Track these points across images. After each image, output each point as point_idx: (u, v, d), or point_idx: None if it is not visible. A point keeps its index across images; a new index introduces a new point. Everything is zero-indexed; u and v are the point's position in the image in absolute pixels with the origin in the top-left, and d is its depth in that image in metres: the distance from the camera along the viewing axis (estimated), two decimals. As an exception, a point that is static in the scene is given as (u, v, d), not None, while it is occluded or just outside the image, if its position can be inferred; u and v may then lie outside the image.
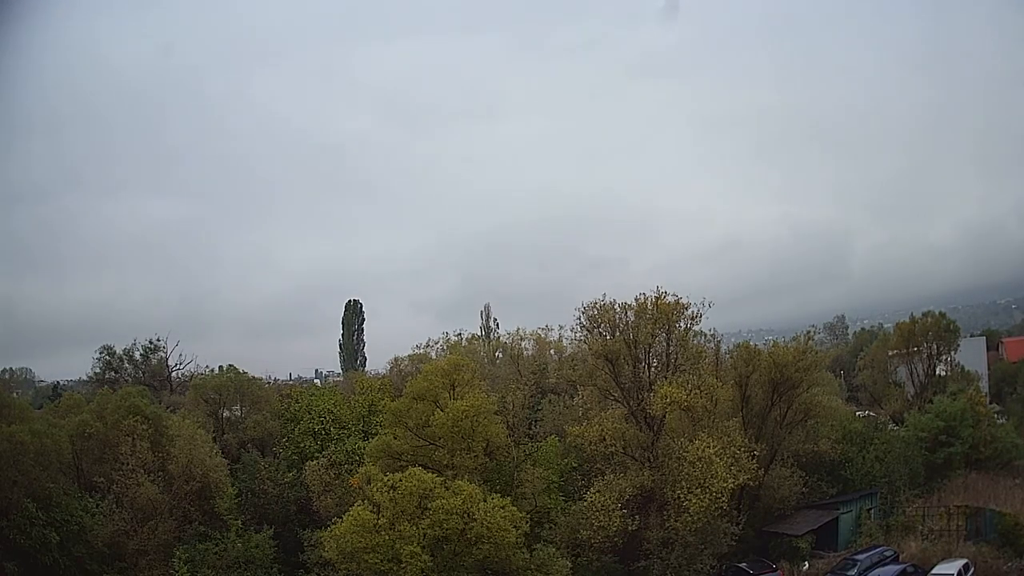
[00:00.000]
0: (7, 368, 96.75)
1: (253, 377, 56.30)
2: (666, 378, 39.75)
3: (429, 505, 32.66)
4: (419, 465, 36.26)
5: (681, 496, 36.89)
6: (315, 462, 43.61)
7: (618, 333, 41.22)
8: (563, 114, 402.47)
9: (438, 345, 71.99)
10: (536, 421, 50.17)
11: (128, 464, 39.99)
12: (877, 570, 36.56)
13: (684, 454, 37.93)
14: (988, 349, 79.95)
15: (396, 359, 71.31)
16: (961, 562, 35.79)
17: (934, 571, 35.59)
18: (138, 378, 65.10)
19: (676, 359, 41.22)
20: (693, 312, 41.12)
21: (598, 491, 38.05)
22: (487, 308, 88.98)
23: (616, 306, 41.52)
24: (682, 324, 41.33)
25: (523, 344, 73.24)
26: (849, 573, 36.98)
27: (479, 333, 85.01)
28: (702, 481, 36.51)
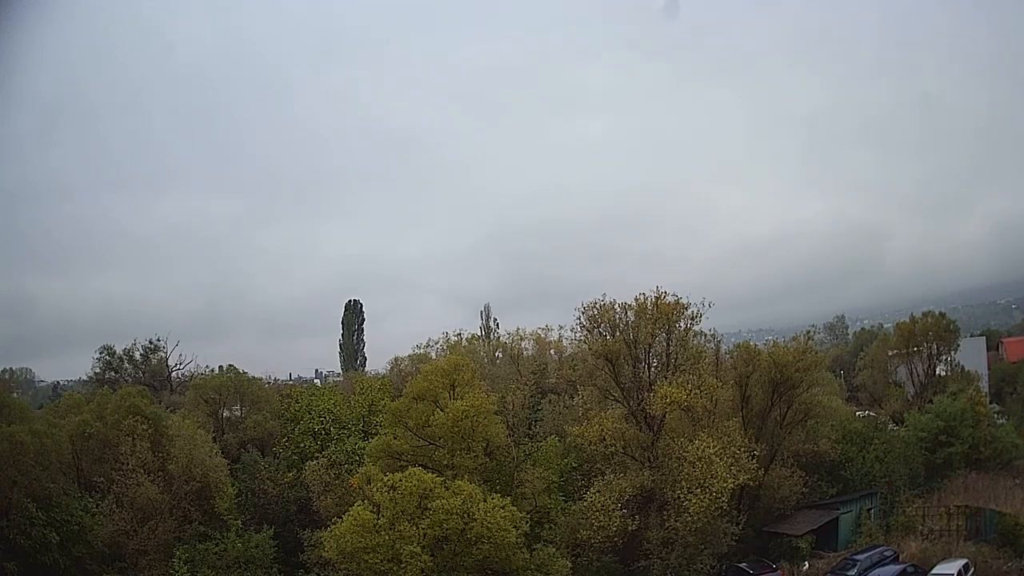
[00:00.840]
0: (7, 368, 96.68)
1: (253, 377, 56.36)
2: (666, 378, 39.74)
3: (429, 505, 32.65)
4: (419, 465, 36.26)
5: (681, 496, 36.87)
6: (315, 462, 43.59)
7: (618, 333, 41.20)
8: (635, 111, 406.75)
9: (438, 345, 72.08)
10: (536, 421, 50.20)
11: (128, 464, 39.94)
12: (877, 570, 36.53)
13: (684, 454, 37.92)
14: (988, 349, 79.83)
15: (396, 359, 71.60)
16: (961, 562, 35.75)
17: (934, 571, 35.54)
18: (138, 378, 65.10)
19: (676, 359, 41.18)
20: (693, 312, 41.18)
21: (598, 491, 38.04)
22: (487, 308, 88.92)
23: (616, 306, 41.54)
24: (682, 324, 41.32)
25: (523, 344, 73.36)
26: (849, 573, 36.95)
27: (479, 333, 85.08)
28: (702, 481, 36.49)
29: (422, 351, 71.11)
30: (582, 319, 42.22)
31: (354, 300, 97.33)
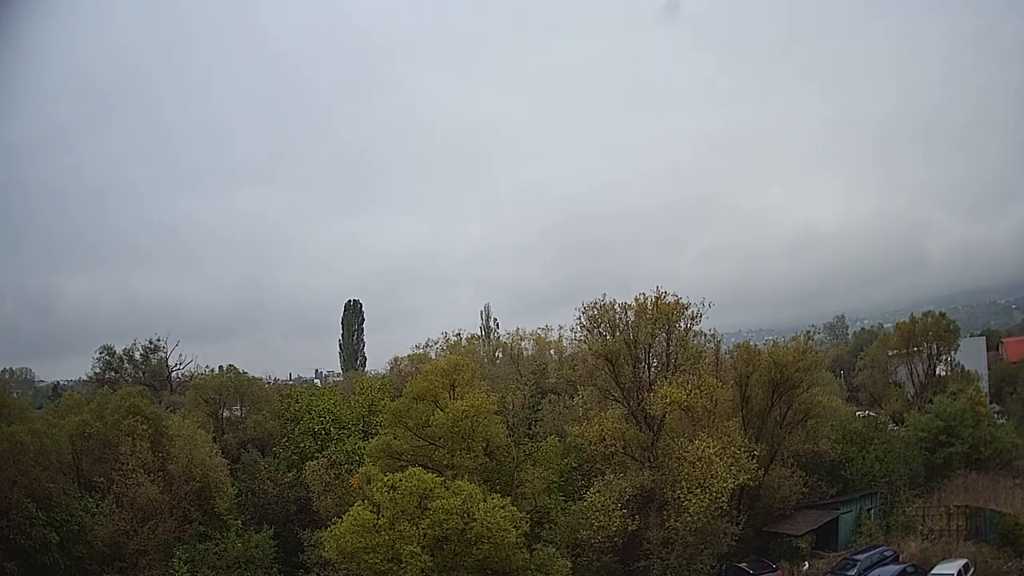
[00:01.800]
0: (7, 368, 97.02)
1: (253, 377, 56.39)
2: (666, 378, 39.74)
3: (429, 505, 32.64)
4: (419, 465, 36.26)
5: (681, 496, 36.88)
6: (315, 462, 43.59)
7: (618, 333, 41.21)
8: (716, 109, 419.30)
9: (437, 345, 72.11)
10: (536, 421, 50.18)
11: (128, 464, 39.94)
12: (877, 570, 36.53)
13: (684, 454, 37.92)
14: (988, 349, 79.86)
15: (396, 359, 71.49)
16: (961, 562, 35.75)
17: (934, 571, 35.54)
18: (138, 378, 65.15)
19: (676, 359, 41.19)
20: (693, 312, 41.18)
21: (598, 491, 38.04)
22: (487, 308, 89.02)
23: (616, 306, 41.56)
24: (682, 324, 41.32)
25: (523, 344, 73.39)
26: (849, 573, 36.95)
27: (479, 333, 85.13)
28: (702, 481, 36.50)
29: (422, 351, 71.18)
30: (582, 319, 42.28)
31: (354, 300, 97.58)
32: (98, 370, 66.52)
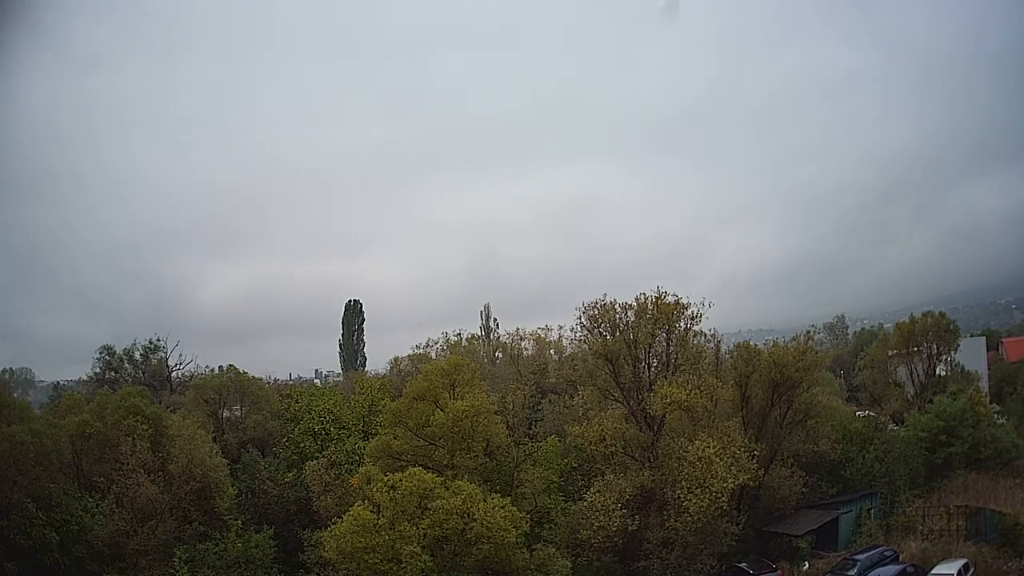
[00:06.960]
0: (7, 368, 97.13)
1: (253, 377, 56.44)
2: (666, 378, 39.75)
3: (429, 505, 32.63)
4: (419, 465, 36.25)
5: (681, 496, 36.89)
6: (315, 462, 43.55)
7: (618, 333, 41.22)
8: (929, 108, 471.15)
9: (438, 345, 72.29)
10: (536, 421, 50.17)
11: (128, 464, 39.99)
12: (877, 570, 36.49)
13: (684, 454, 37.93)
14: (988, 349, 79.98)
15: (396, 359, 71.63)
16: (961, 562, 35.74)
17: (934, 571, 35.51)
18: (138, 378, 65.27)
19: (676, 359, 41.20)
20: (693, 312, 41.19)
21: (598, 491, 38.06)
22: (487, 308, 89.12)
23: (616, 306, 41.58)
24: (682, 324, 41.33)
25: (523, 344, 73.48)
26: (849, 573, 36.93)
27: (479, 333, 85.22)
28: (702, 481, 36.50)
29: (422, 351, 71.28)
30: (582, 319, 42.29)
31: (354, 300, 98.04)
32: (98, 370, 66.63)
